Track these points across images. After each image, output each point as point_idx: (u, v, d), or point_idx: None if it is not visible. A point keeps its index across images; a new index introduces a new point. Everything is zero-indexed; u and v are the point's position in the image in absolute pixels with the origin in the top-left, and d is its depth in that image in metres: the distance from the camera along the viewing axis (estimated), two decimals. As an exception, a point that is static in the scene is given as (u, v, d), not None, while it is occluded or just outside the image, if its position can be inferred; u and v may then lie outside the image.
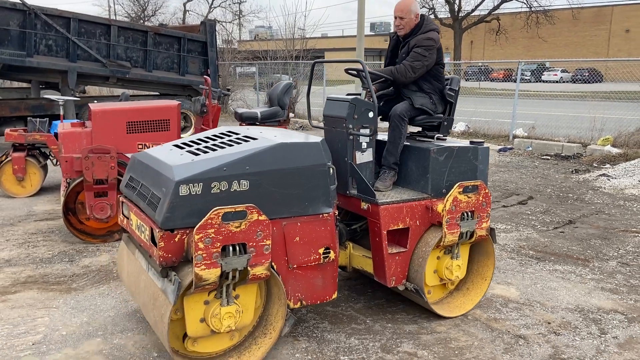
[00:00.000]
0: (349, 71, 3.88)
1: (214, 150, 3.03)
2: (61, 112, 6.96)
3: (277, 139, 3.06)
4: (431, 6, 37.30)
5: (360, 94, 3.79)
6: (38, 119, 6.98)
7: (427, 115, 3.92)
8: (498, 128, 12.80)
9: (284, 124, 5.82)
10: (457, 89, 4.04)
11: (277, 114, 5.75)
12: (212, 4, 42.51)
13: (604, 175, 8.45)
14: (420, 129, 4.14)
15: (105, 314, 3.69)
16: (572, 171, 9.08)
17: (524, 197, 7.24)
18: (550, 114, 14.48)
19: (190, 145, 3.21)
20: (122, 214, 3.33)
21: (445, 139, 3.97)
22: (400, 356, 3.21)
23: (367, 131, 3.55)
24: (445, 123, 4.03)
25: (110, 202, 5.03)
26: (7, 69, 9.49)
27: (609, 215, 6.37)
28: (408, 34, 3.89)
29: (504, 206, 6.77)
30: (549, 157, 10.37)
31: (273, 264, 2.99)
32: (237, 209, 2.72)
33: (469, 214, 3.62)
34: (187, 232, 2.74)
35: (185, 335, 2.94)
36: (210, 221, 2.65)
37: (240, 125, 6.21)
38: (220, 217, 2.68)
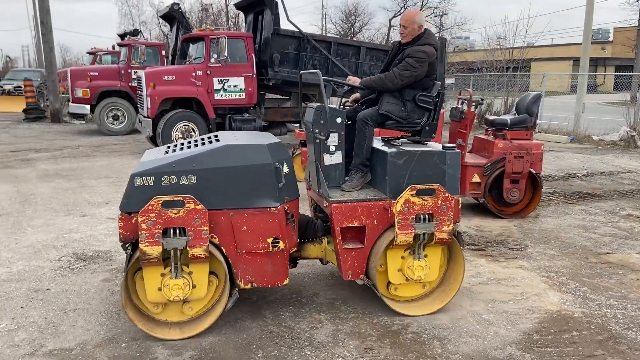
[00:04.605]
0: (329, 81, 4.08)
1: (181, 150, 3.54)
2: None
3: (227, 142, 3.47)
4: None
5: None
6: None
7: (394, 121, 3.99)
8: None
9: (530, 130, 6.67)
10: (434, 95, 4.03)
11: (525, 121, 6.61)
12: (415, 18, 44.07)
13: None
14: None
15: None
16: None
17: None
18: None
19: (174, 148, 3.73)
20: None
21: (426, 144, 4.05)
22: None
23: (334, 135, 3.75)
24: (427, 128, 4.05)
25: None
26: (282, 84, 12.03)
27: None
28: (409, 43, 4.08)
29: None
30: None
31: (222, 247, 3.41)
32: (174, 198, 3.18)
33: (427, 216, 3.63)
34: None
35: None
36: (151, 207, 3.15)
37: (487, 130, 7.20)
38: (160, 204, 3.16)
